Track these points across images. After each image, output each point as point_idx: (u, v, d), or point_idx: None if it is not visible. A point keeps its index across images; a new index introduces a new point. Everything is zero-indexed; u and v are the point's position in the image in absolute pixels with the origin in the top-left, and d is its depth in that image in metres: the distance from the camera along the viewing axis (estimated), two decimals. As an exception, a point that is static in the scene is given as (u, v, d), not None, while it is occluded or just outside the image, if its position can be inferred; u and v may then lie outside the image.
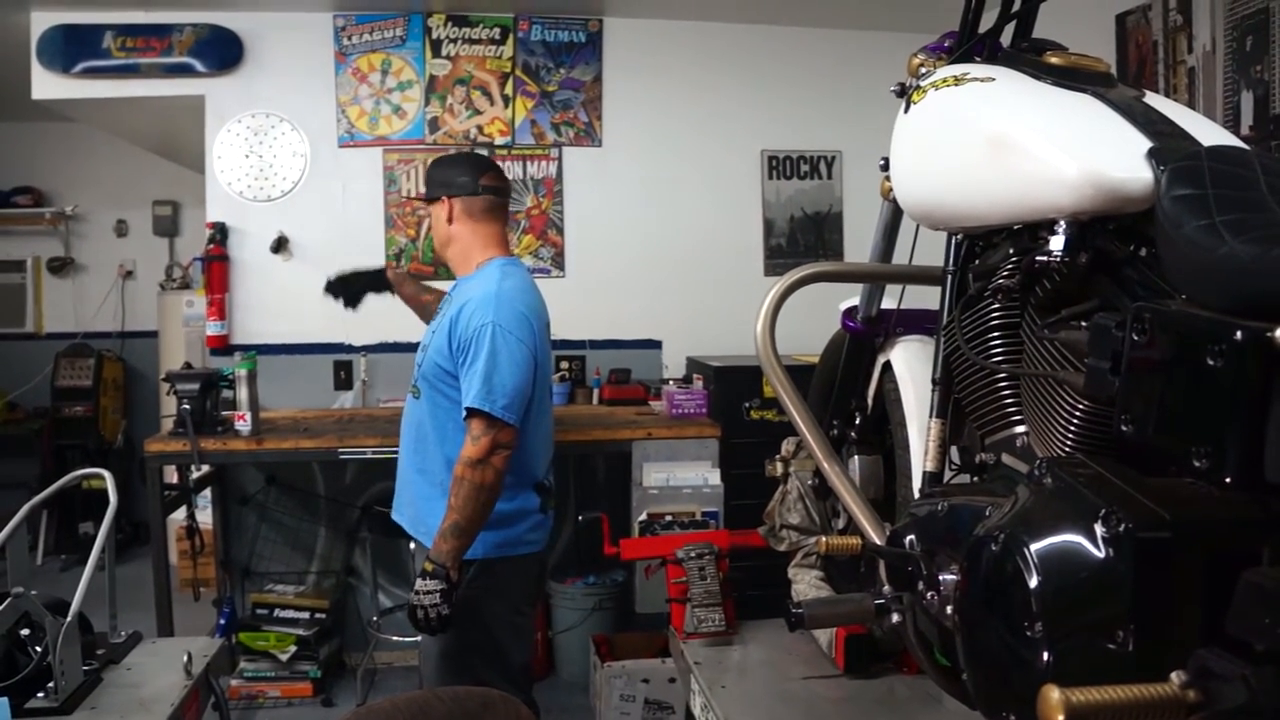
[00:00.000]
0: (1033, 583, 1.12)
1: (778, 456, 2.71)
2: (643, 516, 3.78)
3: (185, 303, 6.10)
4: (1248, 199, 1.14)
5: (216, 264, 4.60)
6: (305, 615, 4.39)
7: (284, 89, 4.68)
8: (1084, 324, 1.33)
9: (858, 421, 2.31)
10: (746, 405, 4.10)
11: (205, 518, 4.45)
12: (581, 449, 4.13)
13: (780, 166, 4.96)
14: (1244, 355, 0.96)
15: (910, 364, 2.11)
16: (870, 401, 2.31)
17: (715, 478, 3.86)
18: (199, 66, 4.59)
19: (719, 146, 4.92)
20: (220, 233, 4.61)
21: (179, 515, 4.20)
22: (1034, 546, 1.13)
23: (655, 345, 4.84)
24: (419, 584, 2.61)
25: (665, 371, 4.79)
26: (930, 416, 1.80)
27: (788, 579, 2.71)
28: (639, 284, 4.84)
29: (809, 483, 2.58)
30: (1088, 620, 1.09)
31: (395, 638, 4.40)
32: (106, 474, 2.75)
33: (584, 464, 4.71)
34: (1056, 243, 1.39)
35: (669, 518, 3.69)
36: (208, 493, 4.65)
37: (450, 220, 2.85)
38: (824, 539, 1.67)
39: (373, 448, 3.81)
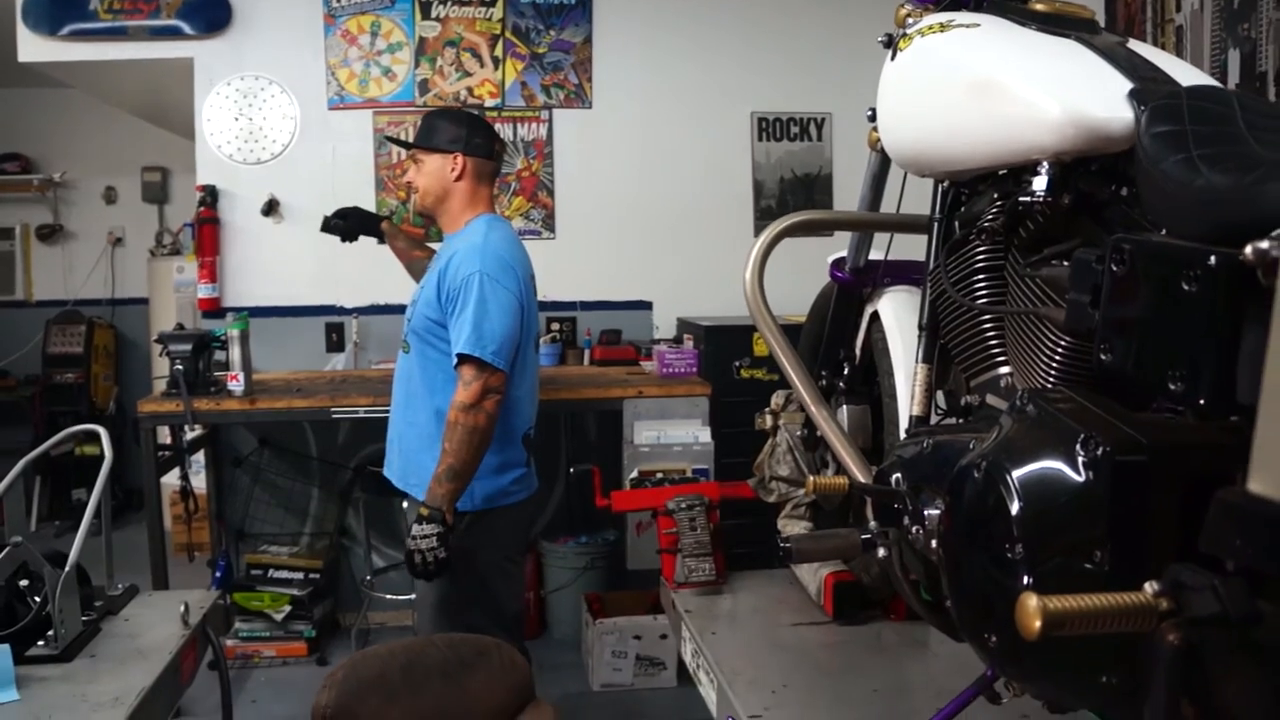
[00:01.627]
0: (1013, 507, 1.15)
1: (767, 410, 2.75)
2: (634, 474, 3.81)
3: (176, 269, 6.10)
4: (1224, 134, 1.16)
5: (207, 226, 4.60)
6: (299, 575, 4.43)
7: (273, 51, 4.67)
8: (1065, 262, 1.36)
9: (846, 371, 2.34)
10: (736, 364, 4.13)
11: (199, 483, 4.48)
12: (573, 407, 4.17)
13: (770, 128, 4.96)
14: (1217, 279, 0.99)
15: (898, 313, 2.14)
16: (859, 352, 2.34)
17: (706, 435, 3.90)
18: (187, 29, 4.57)
19: (709, 108, 4.92)
20: (210, 195, 4.61)
21: (172, 480, 4.23)
22: (1015, 472, 1.17)
23: (646, 306, 4.86)
24: (415, 529, 2.66)
25: (656, 332, 4.82)
26: (916, 362, 1.83)
27: (777, 532, 2.75)
28: (629, 245, 4.85)
29: (798, 434, 2.62)
30: (1066, 542, 1.12)
31: (389, 596, 4.44)
32: (101, 430, 2.76)
33: (576, 423, 4.75)
34: (1039, 183, 1.41)
35: (660, 475, 3.73)
36: (201, 457, 4.69)
37: (458, 176, 2.89)
38: (812, 479, 1.70)
39: (365, 407, 3.83)
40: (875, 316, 2.23)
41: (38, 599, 2.23)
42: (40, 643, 2.21)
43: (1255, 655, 0.96)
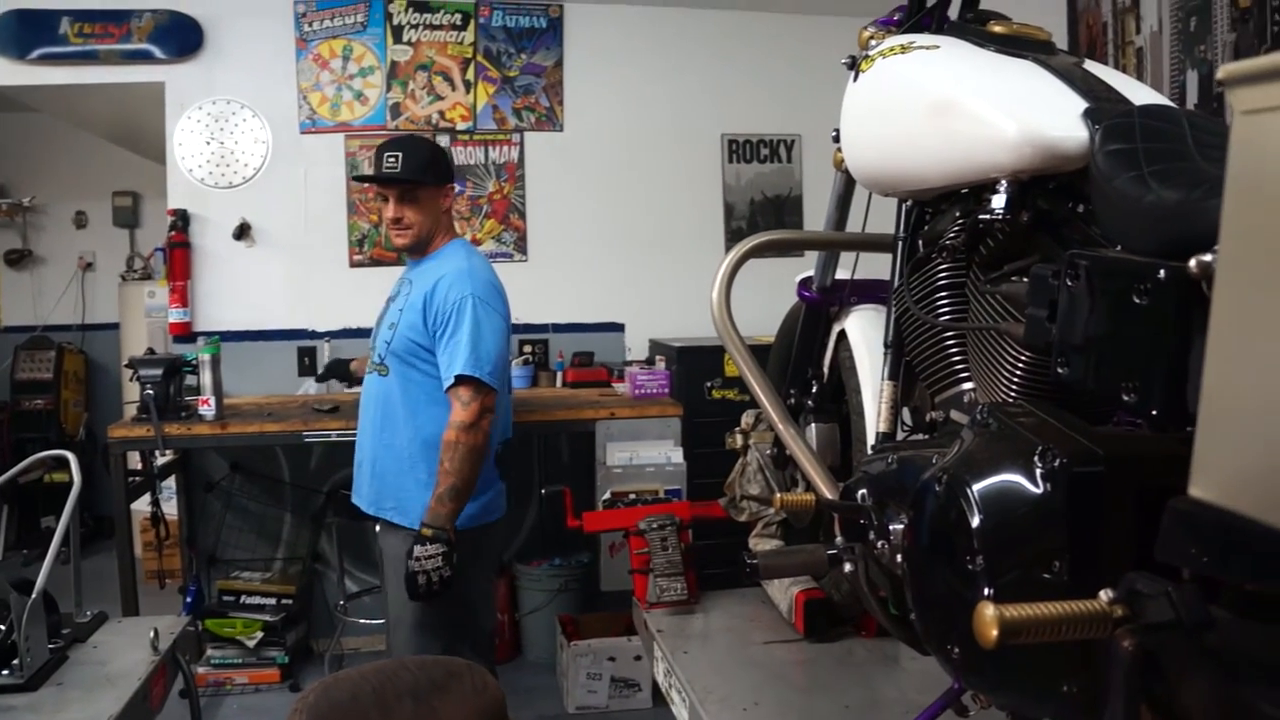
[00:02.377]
0: (974, 519, 1.16)
1: (738, 429, 2.76)
2: (606, 495, 3.80)
3: (147, 293, 6.06)
4: (1174, 151, 1.19)
5: (178, 251, 4.58)
6: (272, 601, 4.39)
7: (245, 75, 4.66)
8: (1024, 278, 1.39)
9: (814, 390, 2.36)
10: (708, 385, 4.15)
11: (170, 509, 4.45)
12: (545, 429, 4.17)
13: (740, 150, 5.00)
14: (1167, 292, 1.01)
15: (864, 331, 2.16)
16: (827, 370, 2.36)
17: (678, 456, 3.90)
18: (158, 53, 4.57)
19: (679, 131, 4.96)
20: (182, 219, 4.59)
21: (143, 507, 4.20)
22: (975, 485, 1.18)
23: (618, 328, 4.87)
24: (418, 550, 2.64)
25: (628, 354, 4.83)
26: (882, 379, 1.85)
27: (747, 550, 2.76)
28: (601, 268, 4.87)
29: (768, 453, 2.63)
30: (1026, 552, 1.14)
31: (362, 621, 4.41)
32: (70, 455, 2.74)
33: (548, 444, 4.74)
34: (998, 201, 1.44)
35: (633, 496, 3.72)
36: (172, 483, 4.65)
37: (447, 208, 2.96)
38: (779, 495, 1.71)
39: (337, 430, 3.82)
40: (842, 335, 2.25)
41: (3, 626, 2.21)
42: (5, 671, 2.19)
43: (1211, 661, 0.97)
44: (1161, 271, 1.01)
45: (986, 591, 1.14)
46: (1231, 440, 0.73)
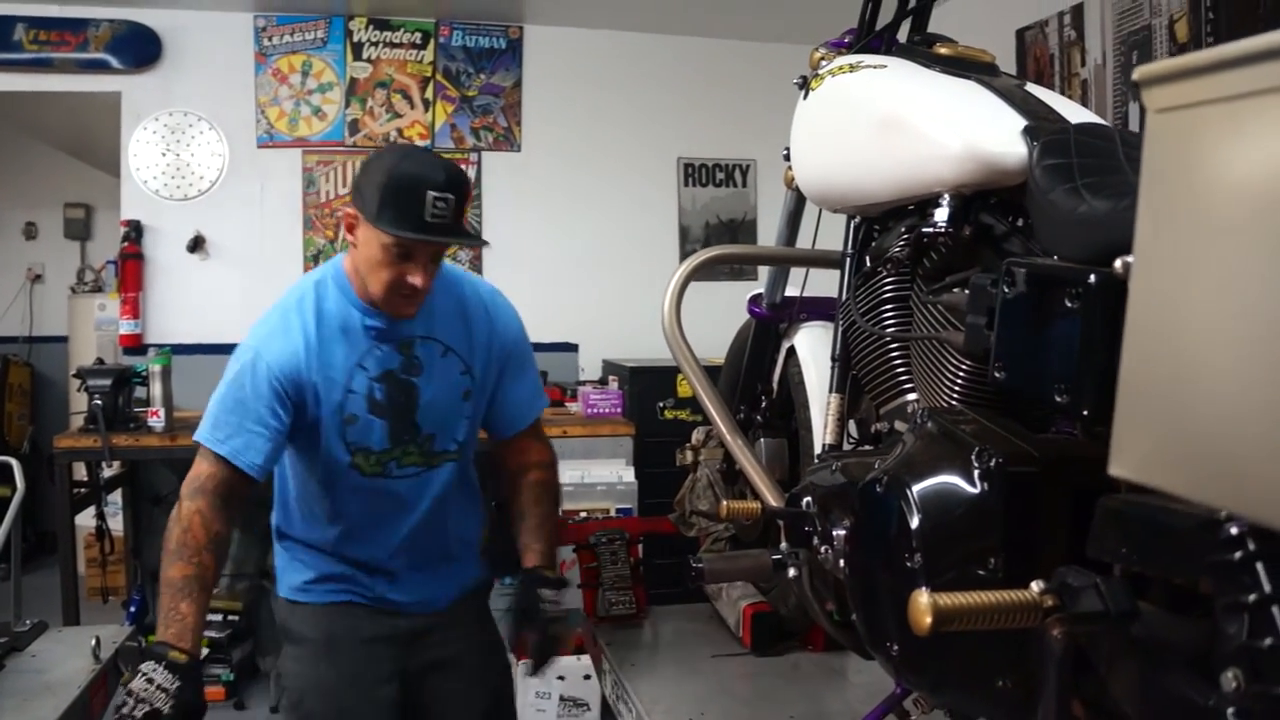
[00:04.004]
0: (913, 518, 1.19)
1: (688, 445, 2.79)
2: (558, 513, 3.82)
3: (98, 306, 5.98)
4: (1106, 165, 1.24)
5: (131, 262, 4.55)
6: (218, 618, 4.32)
7: (202, 88, 4.65)
8: (966, 289, 1.42)
9: (764, 405, 2.39)
10: (661, 405, 4.17)
11: (115, 525, 4.38)
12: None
13: (696, 174, 5.06)
14: (1096, 295, 1.05)
15: (813, 347, 2.20)
16: (776, 386, 2.39)
17: (629, 475, 3.92)
18: (115, 63, 4.54)
19: (636, 154, 5.00)
20: (135, 231, 4.56)
21: (87, 521, 4.13)
22: (914, 485, 1.22)
23: (572, 349, 4.88)
24: (549, 594, 2.16)
25: (581, 374, 4.84)
26: (829, 392, 1.89)
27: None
28: (556, 288, 4.88)
29: (718, 469, 2.66)
30: (962, 549, 1.17)
31: (309, 639, 4.36)
32: (12, 461, 2.72)
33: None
34: (941, 214, 1.48)
35: (584, 514, 3.73)
36: (118, 498, 4.59)
37: None
38: (725, 503, 1.74)
39: (288, 444, 3.79)
40: (791, 351, 2.29)
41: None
42: (-57, 676, 2.16)
43: (1138, 653, 1.00)
44: (1092, 276, 1.05)
45: (924, 588, 1.17)
46: (1144, 418, 0.76)
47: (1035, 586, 0.99)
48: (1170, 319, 0.73)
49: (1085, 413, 1.08)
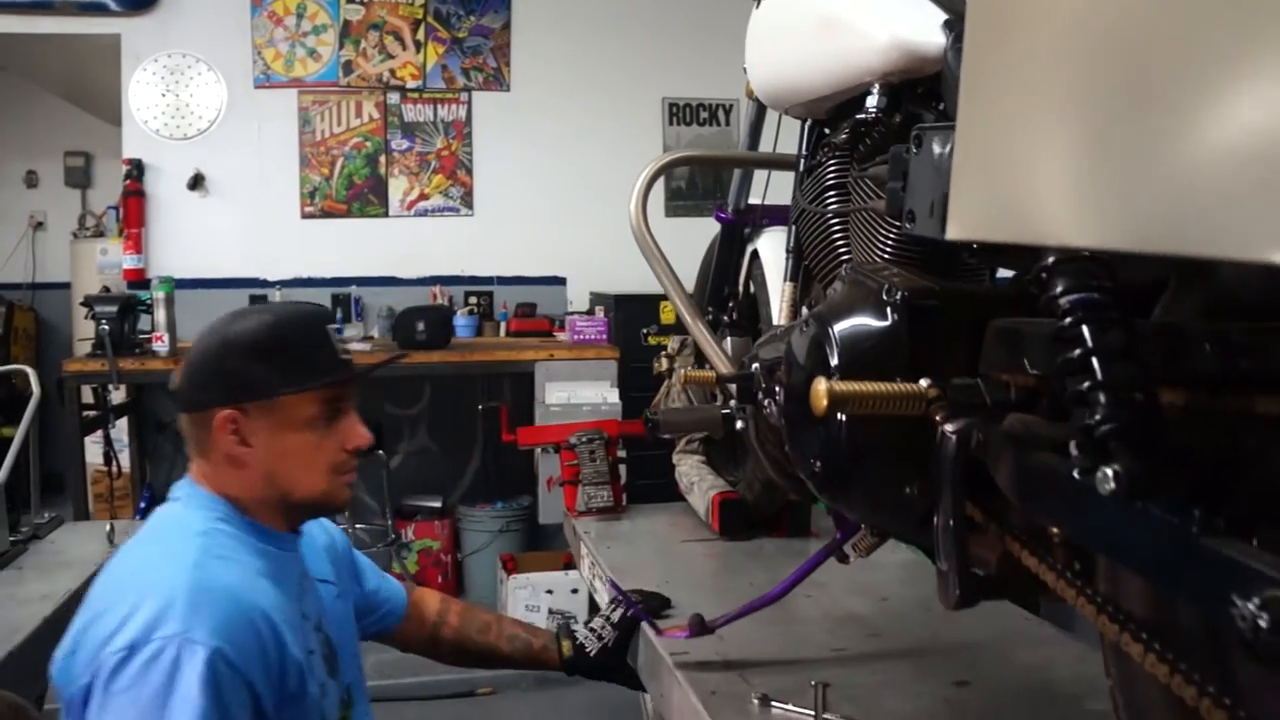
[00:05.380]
0: (832, 350, 1.37)
1: (664, 354, 2.96)
2: (545, 433, 4.00)
3: (99, 250, 6.13)
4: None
5: (133, 199, 4.71)
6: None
7: (200, 30, 4.80)
8: (891, 165, 1.59)
9: (731, 306, 2.57)
10: (644, 331, 4.31)
11: (122, 461, 4.57)
12: (487, 369, 4.36)
13: (680, 113, 5.22)
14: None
15: (774, 249, 2.37)
16: (742, 288, 2.57)
17: (614, 396, 4.11)
18: (114, 5, 4.69)
19: (622, 94, 5.16)
20: (137, 169, 4.72)
21: (93, 459, 4.31)
22: (834, 323, 1.39)
23: (560, 282, 5.07)
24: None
25: (569, 306, 5.02)
26: (784, 280, 2.06)
27: (672, 466, 2.97)
28: (545, 223, 5.06)
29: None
30: (874, 373, 1.34)
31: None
32: (30, 370, 2.90)
33: (490, 386, 4.91)
34: (872, 101, 1.64)
35: (570, 435, 3.92)
36: (124, 436, 4.76)
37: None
38: (683, 371, 1.91)
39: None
40: (755, 255, 2.46)
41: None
42: (-32, 555, 2.34)
43: (1016, 443, 1.18)
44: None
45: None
46: (969, 186, 0.92)
47: (924, 382, 1.16)
48: (991, 92, 0.89)
49: (974, 245, 1.26)
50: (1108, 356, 0.92)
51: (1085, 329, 0.94)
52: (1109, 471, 0.91)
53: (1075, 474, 0.96)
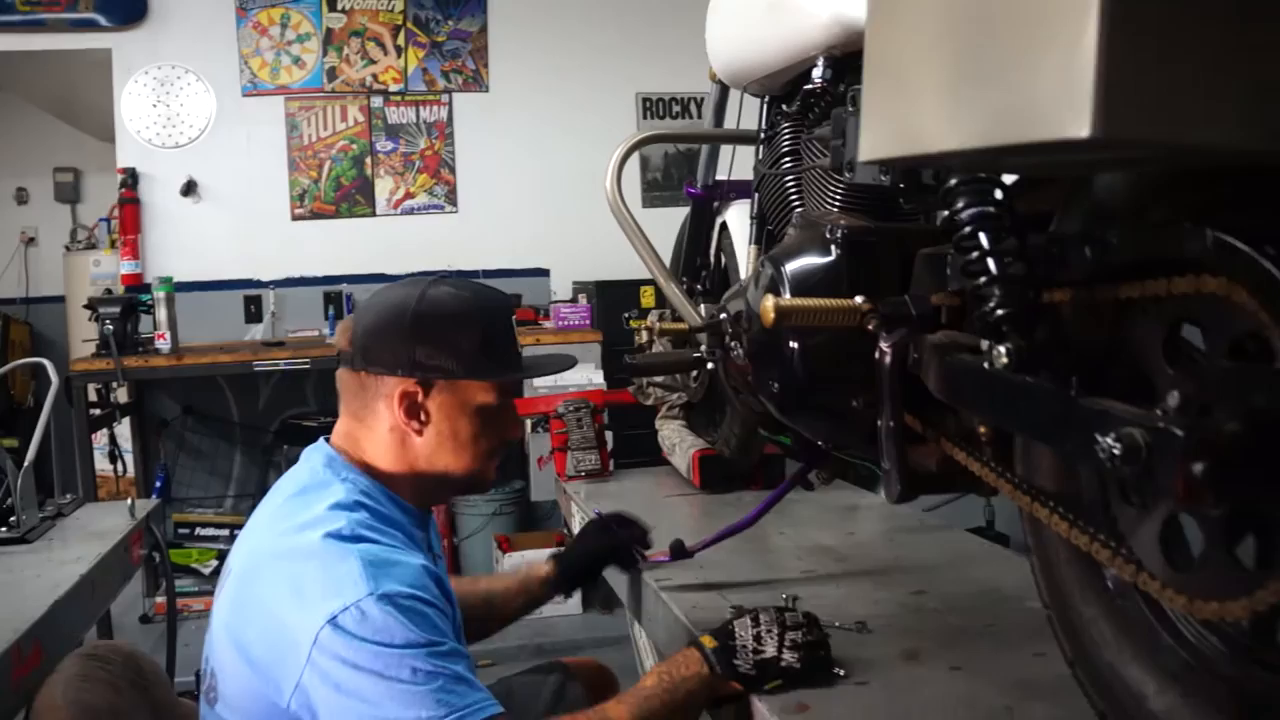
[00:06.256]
0: (784, 285, 1.57)
1: (644, 325, 3.16)
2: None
3: (93, 262, 6.31)
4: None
5: (129, 206, 4.88)
6: (225, 532, 4.71)
7: (188, 42, 4.97)
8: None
9: (704, 275, 2.76)
10: (626, 315, 4.51)
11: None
12: (477, 356, 4.54)
13: (654, 107, 5.42)
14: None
15: (742, 221, 2.56)
16: (713, 259, 2.77)
17: (598, 378, 4.30)
18: (104, 21, 4.86)
19: (597, 91, 5.36)
20: (131, 177, 4.90)
21: (97, 463, 4.47)
22: (785, 263, 1.59)
23: (544, 273, 5.25)
24: None
25: (553, 296, 5.21)
26: (749, 244, 2.26)
27: (655, 430, 3.17)
28: (527, 217, 5.25)
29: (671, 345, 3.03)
30: (819, 302, 1.54)
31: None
32: (46, 362, 3.07)
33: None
34: (818, 72, 1.84)
35: (558, 412, 4.11)
36: (127, 442, 4.92)
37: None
38: (657, 323, 2.11)
39: (285, 360, 4.16)
40: (724, 226, 2.66)
41: (-3, 490, 2.54)
42: (3, 529, 2.52)
43: (941, 349, 1.37)
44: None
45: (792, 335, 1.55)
46: (875, 110, 1.09)
47: (858, 298, 1.36)
48: (885, 38, 1.07)
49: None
50: (1000, 255, 1.12)
51: (981, 235, 1.14)
52: (1001, 349, 1.12)
53: (985, 366, 1.17)
